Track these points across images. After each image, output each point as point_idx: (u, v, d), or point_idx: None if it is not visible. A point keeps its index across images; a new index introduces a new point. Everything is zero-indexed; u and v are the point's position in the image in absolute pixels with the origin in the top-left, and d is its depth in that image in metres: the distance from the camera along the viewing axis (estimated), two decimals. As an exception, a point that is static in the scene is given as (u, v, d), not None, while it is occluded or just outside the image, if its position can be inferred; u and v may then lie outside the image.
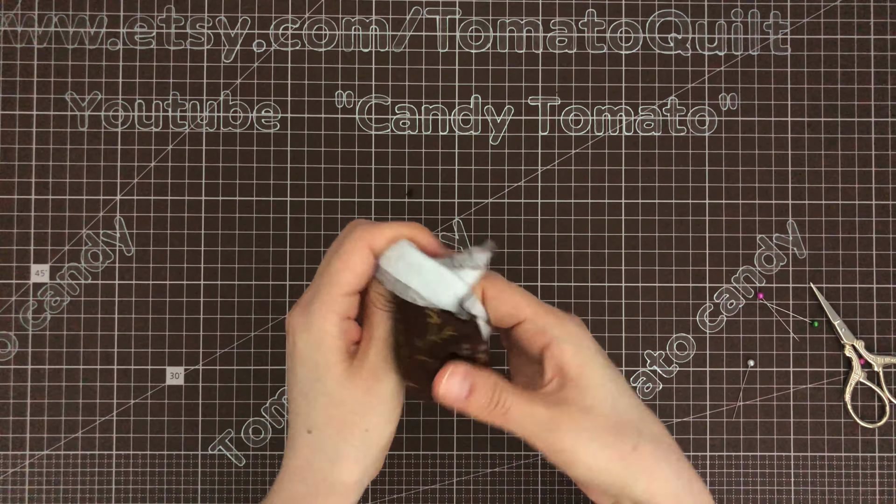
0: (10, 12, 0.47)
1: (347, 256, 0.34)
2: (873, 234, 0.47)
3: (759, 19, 0.48)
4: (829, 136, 0.48)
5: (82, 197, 0.47)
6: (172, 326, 0.47)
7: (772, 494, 0.47)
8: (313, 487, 0.36)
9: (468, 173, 0.47)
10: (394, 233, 0.34)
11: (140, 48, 0.48)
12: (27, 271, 0.47)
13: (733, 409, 0.47)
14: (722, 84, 0.48)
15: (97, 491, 0.46)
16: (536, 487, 0.47)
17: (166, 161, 0.47)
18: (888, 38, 0.48)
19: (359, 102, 0.48)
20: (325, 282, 0.35)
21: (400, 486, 0.47)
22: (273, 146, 0.47)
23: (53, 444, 0.46)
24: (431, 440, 0.47)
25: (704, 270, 0.47)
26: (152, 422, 0.47)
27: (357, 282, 0.35)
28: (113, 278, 0.47)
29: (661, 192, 0.48)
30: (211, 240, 0.47)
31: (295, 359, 0.35)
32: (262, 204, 0.47)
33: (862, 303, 0.47)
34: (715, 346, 0.47)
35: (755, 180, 0.48)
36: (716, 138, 0.48)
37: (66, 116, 0.47)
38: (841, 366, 0.47)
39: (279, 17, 0.48)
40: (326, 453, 0.35)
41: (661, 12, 0.48)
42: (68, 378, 0.47)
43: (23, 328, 0.47)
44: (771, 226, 0.48)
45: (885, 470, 0.47)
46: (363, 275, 0.35)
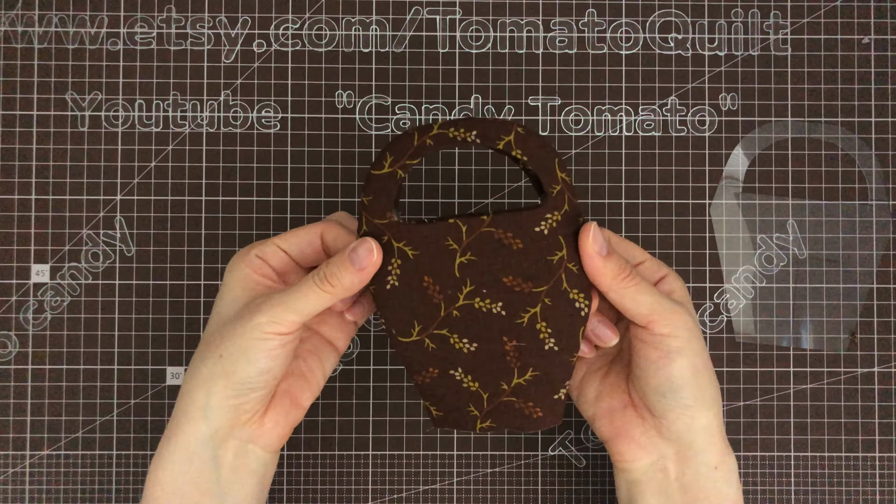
0: (10, 12, 0.47)
1: (300, 227, 0.38)
2: (873, 234, 0.47)
3: (759, 19, 0.48)
4: (829, 136, 0.48)
5: (82, 197, 0.47)
6: (172, 326, 0.47)
7: (772, 494, 0.47)
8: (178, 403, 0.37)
9: (468, 173, 0.47)
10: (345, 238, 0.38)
11: (140, 48, 0.48)
12: (27, 271, 0.47)
13: (733, 408, 0.47)
14: (722, 84, 0.48)
15: (97, 491, 0.46)
16: (536, 487, 0.47)
17: (166, 161, 0.47)
18: (888, 38, 0.48)
19: (359, 102, 0.48)
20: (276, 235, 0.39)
21: (400, 486, 0.47)
22: (273, 146, 0.47)
23: (53, 444, 0.46)
24: (431, 440, 0.47)
25: (704, 270, 0.47)
26: (152, 422, 0.47)
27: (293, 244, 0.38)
28: (113, 278, 0.47)
29: (661, 192, 0.48)
30: (211, 240, 0.47)
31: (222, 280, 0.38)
32: (262, 204, 0.47)
33: (862, 303, 0.47)
34: (715, 346, 0.47)
35: (755, 180, 0.48)
36: (716, 138, 0.48)
37: (67, 116, 0.47)
38: (842, 365, 0.47)
39: (279, 18, 0.48)
40: (190, 368, 0.37)
41: (661, 12, 0.48)
42: (68, 378, 0.47)
43: (23, 328, 0.47)
44: (771, 226, 0.48)
45: (885, 470, 0.47)
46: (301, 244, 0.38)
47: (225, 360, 0.35)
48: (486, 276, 0.36)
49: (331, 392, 0.47)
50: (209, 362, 0.36)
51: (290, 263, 0.38)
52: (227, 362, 0.35)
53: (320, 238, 0.38)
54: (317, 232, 0.38)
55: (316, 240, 0.38)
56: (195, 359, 0.37)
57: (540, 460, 0.47)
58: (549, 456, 0.47)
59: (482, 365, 0.37)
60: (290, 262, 0.38)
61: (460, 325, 0.36)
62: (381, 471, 0.47)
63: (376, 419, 0.47)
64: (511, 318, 0.36)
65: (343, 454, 0.47)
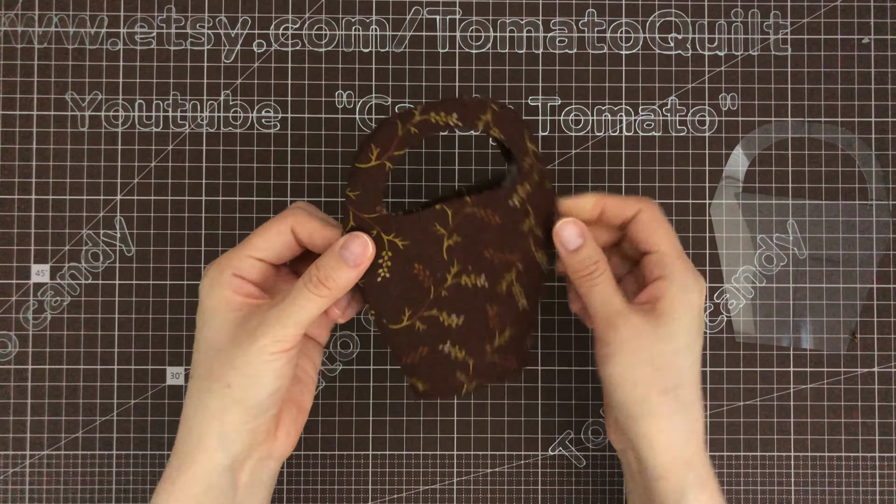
0: (10, 12, 0.47)
1: (267, 227, 0.36)
2: (873, 234, 0.47)
3: (759, 19, 0.48)
4: (829, 136, 0.48)
5: (82, 197, 0.47)
6: (172, 326, 0.47)
7: (772, 494, 0.47)
8: (187, 444, 0.36)
9: (468, 173, 0.47)
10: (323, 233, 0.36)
11: (140, 48, 0.48)
12: (27, 271, 0.47)
13: (733, 408, 0.47)
14: (722, 84, 0.48)
15: (97, 491, 0.46)
16: (536, 487, 0.47)
17: (166, 161, 0.47)
18: (888, 38, 0.48)
19: (359, 102, 0.48)
20: (241, 243, 0.36)
21: (400, 486, 0.47)
22: (273, 146, 0.47)
23: (53, 444, 0.46)
24: (431, 440, 0.47)
25: (704, 270, 0.47)
26: (152, 422, 0.47)
27: (266, 249, 0.36)
28: (113, 278, 0.47)
29: (661, 192, 0.48)
30: (211, 240, 0.47)
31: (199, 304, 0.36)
32: (262, 204, 0.47)
33: (862, 303, 0.47)
34: (715, 346, 0.47)
35: (755, 180, 0.48)
36: (716, 138, 0.48)
37: (67, 116, 0.47)
38: (842, 365, 0.47)
39: (279, 18, 0.48)
40: (195, 403, 0.36)
41: (661, 12, 0.48)
42: (68, 378, 0.47)
43: (23, 328, 0.47)
44: (771, 226, 0.48)
45: (885, 470, 0.47)
46: (275, 247, 0.36)
47: (234, 388, 0.35)
48: (471, 254, 0.37)
49: (331, 392, 0.47)
50: (217, 394, 0.35)
51: (269, 269, 0.37)
52: (238, 390, 0.35)
53: (292, 232, 0.36)
54: (286, 227, 0.36)
55: (288, 236, 0.36)
56: (196, 391, 0.36)
57: (540, 460, 0.47)
58: (549, 456, 0.47)
59: (468, 334, 0.38)
60: (268, 268, 0.37)
61: (449, 302, 0.37)
62: (381, 471, 0.47)
63: (376, 419, 0.47)
64: (493, 287, 0.38)
65: (343, 454, 0.47)
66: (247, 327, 0.35)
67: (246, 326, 0.35)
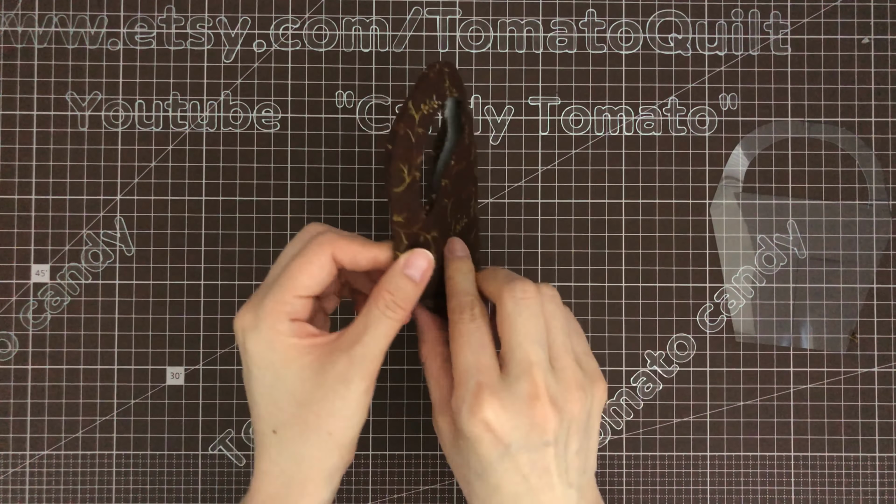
0: (10, 12, 0.47)
1: (307, 261, 0.34)
2: (873, 234, 0.47)
3: (759, 19, 0.48)
4: (830, 137, 0.48)
5: (82, 197, 0.47)
6: (172, 326, 0.47)
7: (772, 494, 0.47)
8: (284, 489, 0.35)
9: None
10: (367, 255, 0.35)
11: (140, 48, 0.48)
12: (27, 271, 0.47)
13: (733, 408, 0.47)
14: (722, 84, 0.48)
15: (97, 491, 0.46)
16: (536, 487, 0.47)
17: (166, 161, 0.47)
18: (888, 38, 0.48)
19: (359, 102, 0.48)
20: (281, 282, 0.35)
21: (400, 486, 0.47)
22: (273, 146, 0.47)
23: (53, 444, 0.46)
24: (431, 440, 0.47)
25: (704, 270, 0.47)
26: (152, 422, 0.47)
27: (313, 286, 0.35)
28: (113, 278, 0.47)
29: (661, 192, 0.48)
30: (211, 240, 0.47)
31: (249, 359, 0.35)
32: (262, 204, 0.47)
33: (862, 303, 0.47)
34: (715, 346, 0.47)
35: (755, 180, 0.48)
36: (716, 138, 0.48)
37: (67, 116, 0.47)
38: (842, 365, 0.47)
39: (279, 17, 0.48)
40: (291, 453, 0.35)
41: (661, 12, 0.48)
42: (68, 378, 0.47)
43: (23, 328, 0.47)
44: (771, 226, 0.48)
45: (885, 470, 0.47)
46: (322, 281, 0.35)
47: (336, 435, 0.34)
48: (459, 204, 0.40)
49: (331, 392, 0.47)
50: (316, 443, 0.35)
51: (314, 302, 0.36)
52: (339, 435, 0.35)
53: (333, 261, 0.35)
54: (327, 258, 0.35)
55: (331, 265, 0.35)
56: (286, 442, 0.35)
57: (540, 460, 0.47)
58: (549, 456, 0.47)
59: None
60: (314, 302, 0.36)
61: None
62: (381, 471, 0.47)
63: (376, 419, 0.47)
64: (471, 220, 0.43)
65: (343, 454, 0.47)
66: (334, 372, 0.34)
67: (333, 371, 0.34)
